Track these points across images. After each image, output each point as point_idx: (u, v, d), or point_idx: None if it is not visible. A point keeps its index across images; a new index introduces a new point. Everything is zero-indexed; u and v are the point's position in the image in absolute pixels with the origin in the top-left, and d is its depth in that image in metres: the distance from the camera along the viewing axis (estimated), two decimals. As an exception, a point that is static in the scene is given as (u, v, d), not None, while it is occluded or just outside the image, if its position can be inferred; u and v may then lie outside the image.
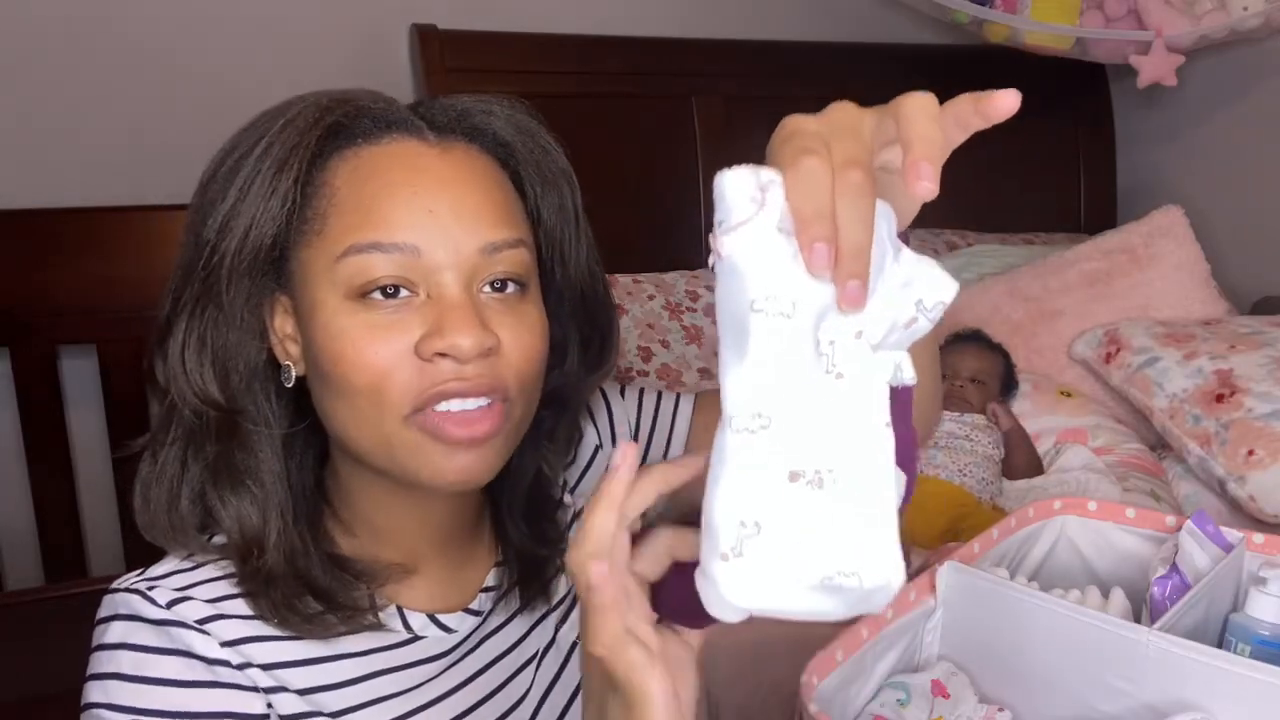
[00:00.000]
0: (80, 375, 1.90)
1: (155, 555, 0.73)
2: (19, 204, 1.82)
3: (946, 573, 0.90)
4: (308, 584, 0.69)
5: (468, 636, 0.76)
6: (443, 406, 0.65)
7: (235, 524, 0.68)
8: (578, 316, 0.78)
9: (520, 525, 0.80)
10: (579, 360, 0.79)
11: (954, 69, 2.51)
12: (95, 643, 0.67)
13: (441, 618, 0.75)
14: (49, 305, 1.82)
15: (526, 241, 0.70)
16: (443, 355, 0.65)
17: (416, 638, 0.73)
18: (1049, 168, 2.68)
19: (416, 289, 0.66)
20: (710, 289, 2.05)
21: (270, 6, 1.99)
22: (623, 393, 0.92)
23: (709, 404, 0.91)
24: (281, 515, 0.69)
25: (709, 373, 1.96)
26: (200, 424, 0.68)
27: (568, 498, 0.86)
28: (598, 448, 0.89)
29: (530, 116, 0.73)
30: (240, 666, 0.66)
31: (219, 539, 0.70)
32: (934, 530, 1.57)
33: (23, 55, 1.84)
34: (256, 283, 0.68)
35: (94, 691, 0.65)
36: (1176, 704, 0.79)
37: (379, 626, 0.71)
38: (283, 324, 0.70)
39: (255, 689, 0.66)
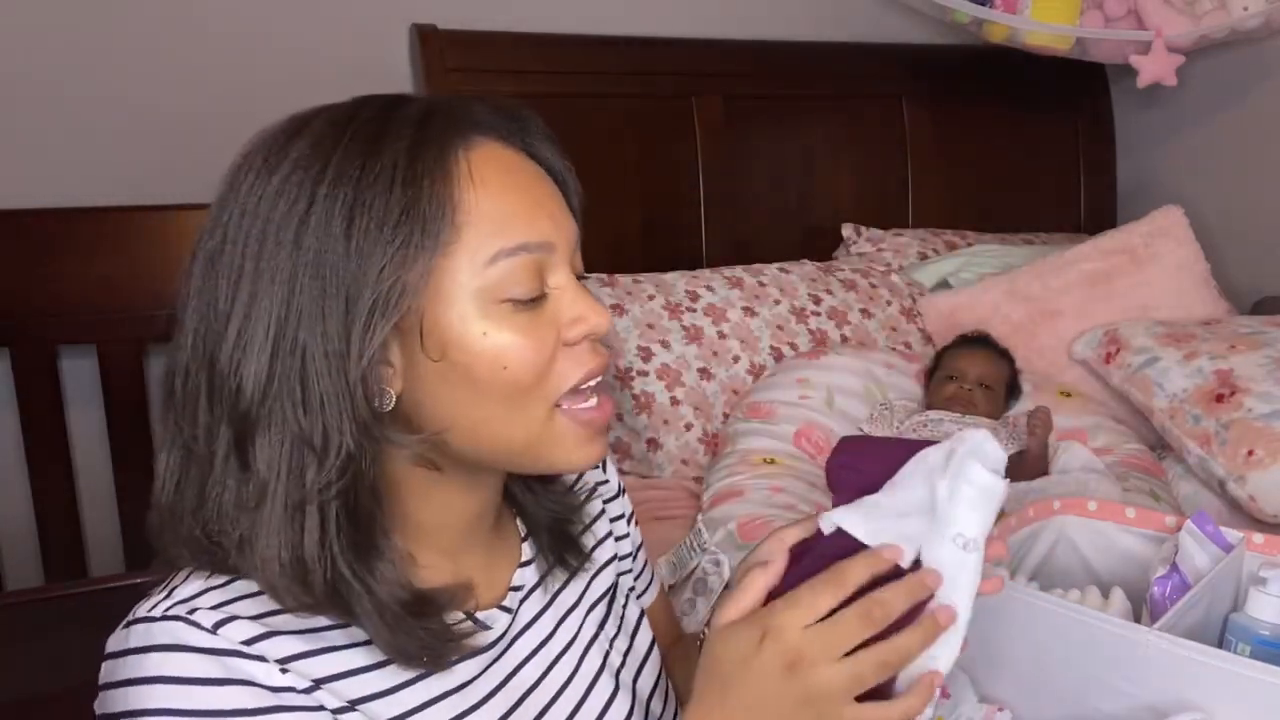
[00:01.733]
0: (80, 375, 1.90)
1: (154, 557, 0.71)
2: (19, 204, 1.82)
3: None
4: (420, 621, 0.68)
5: (503, 634, 0.76)
6: (581, 402, 0.71)
7: (394, 588, 0.67)
8: None
9: (539, 491, 0.84)
10: None
11: (954, 69, 2.54)
12: (129, 675, 0.62)
13: (479, 615, 0.75)
14: (49, 305, 1.82)
15: None
16: (586, 336, 0.70)
17: (455, 636, 0.73)
18: (1049, 168, 2.68)
19: (543, 285, 0.70)
20: (710, 289, 2.05)
21: (270, 7, 1.99)
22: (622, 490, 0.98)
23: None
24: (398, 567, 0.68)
25: (708, 373, 1.96)
26: (351, 488, 0.66)
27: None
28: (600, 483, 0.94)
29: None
30: (307, 690, 0.64)
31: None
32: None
33: (23, 56, 1.84)
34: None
35: None
36: (1176, 704, 0.79)
37: (478, 645, 0.73)
38: (373, 349, 0.67)
39: (321, 709, 0.65)
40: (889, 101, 2.49)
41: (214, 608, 0.64)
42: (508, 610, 0.77)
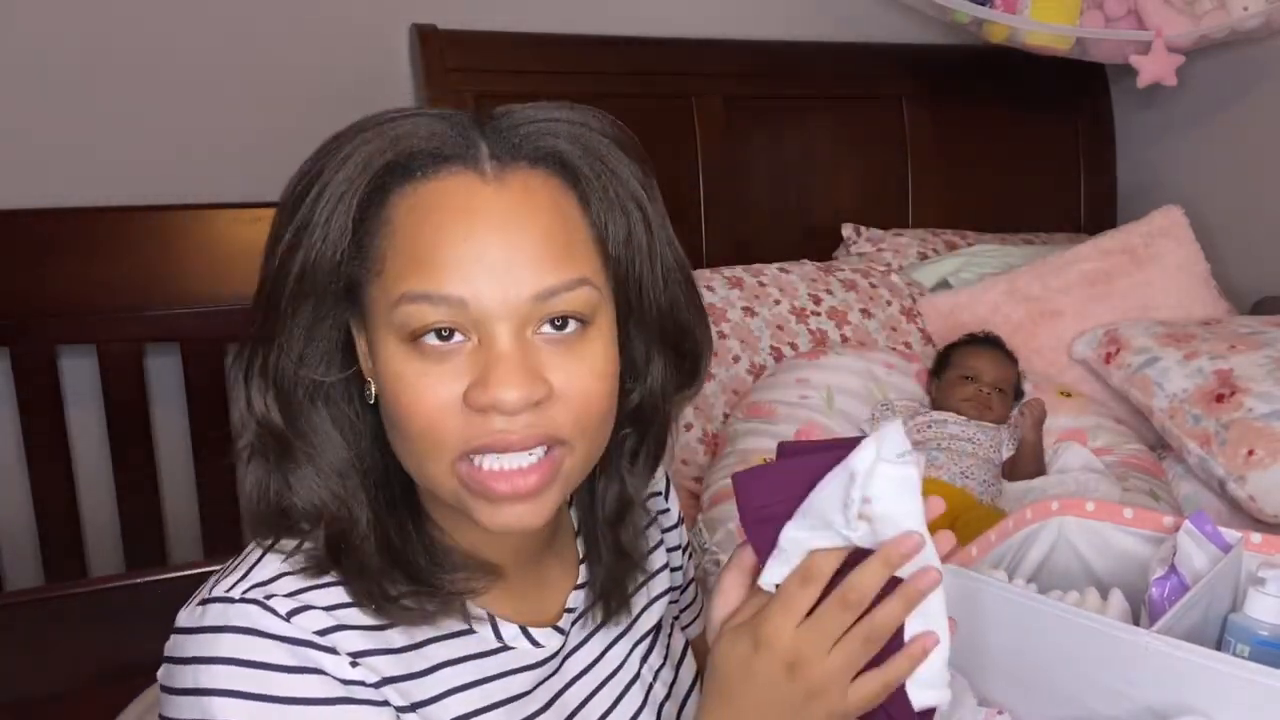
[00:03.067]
0: (80, 375, 1.90)
1: (155, 557, 0.72)
2: (19, 204, 1.82)
3: (945, 576, 0.90)
4: (404, 568, 0.69)
5: (556, 653, 0.76)
6: (487, 462, 0.65)
7: (313, 513, 0.69)
8: (663, 339, 0.75)
9: (606, 546, 0.81)
10: (665, 378, 0.77)
11: (954, 69, 2.54)
12: (201, 653, 0.64)
13: (532, 631, 0.75)
14: (49, 305, 1.82)
15: (592, 279, 0.67)
16: (480, 406, 0.64)
17: (507, 647, 0.73)
18: (1049, 168, 2.68)
19: (469, 334, 0.65)
20: (710, 289, 2.05)
21: (270, 7, 1.99)
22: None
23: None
24: (371, 506, 0.69)
25: (708, 373, 1.96)
26: (263, 441, 0.69)
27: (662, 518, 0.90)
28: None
29: (601, 132, 0.71)
30: (375, 685, 0.66)
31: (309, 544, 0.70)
32: (933, 530, 1.57)
33: (23, 56, 1.84)
34: (322, 312, 0.68)
35: (216, 709, 0.63)
36: (1175, 706, 0.79)
37: (471, 630, 0.72)
38: (365, 344, 0.70)
39: (386, 704, 0.66)
40: (889, 101, 2.49)
41: (290, 595, 0.65)
42: (561, 631, 0.77)
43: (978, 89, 2.54)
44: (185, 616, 0.66)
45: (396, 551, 0.69)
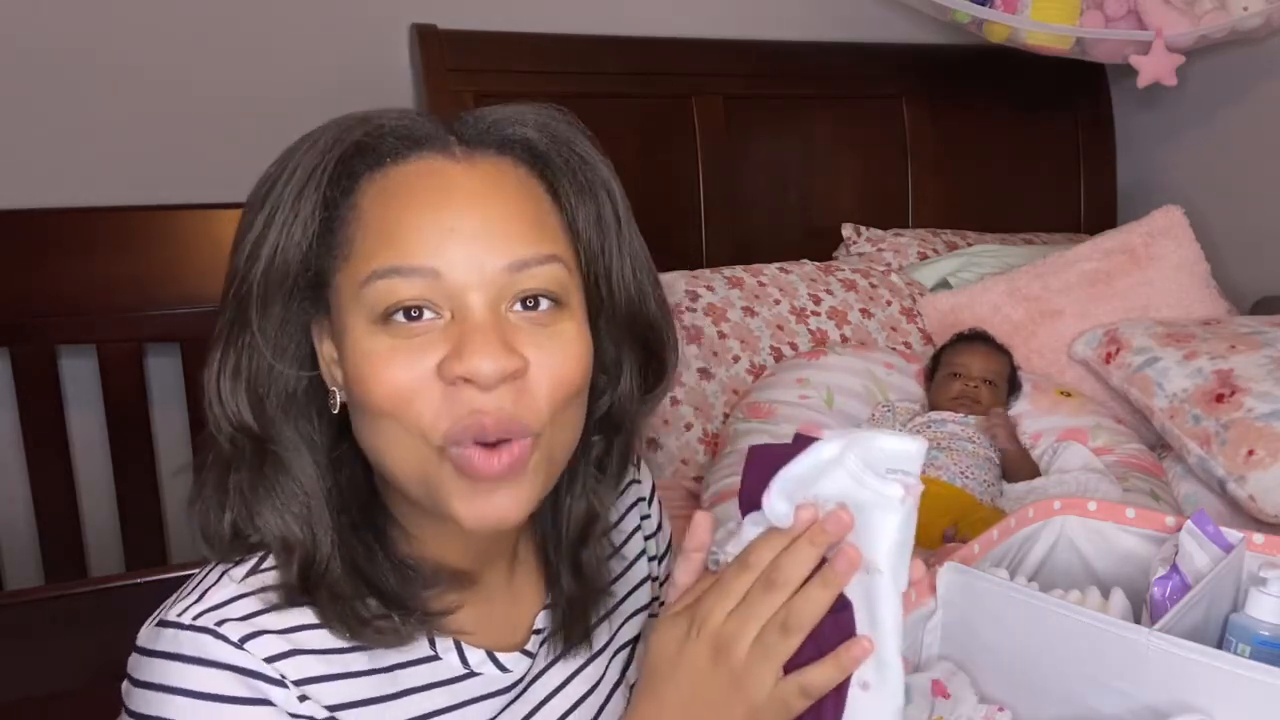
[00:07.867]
0: (80, 375, 1.90)
1: (155, 557, 0.72)
2: (19, 204, 1.82)
3: (946, 573, 0.90)
4: (375, 590, 0.68)
5: (521, 678, 0.75)
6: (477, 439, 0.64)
7: (280, 541, 0.67)
8: (630, 336, 0.74)
9: (569, 568, 0.78)
10: (634, 381, 0.76)
11: (954, 69, 2.54)
12: (154, 679, 0.63)
13: (499, 656, 0.74)
14: (49, 305, 1.82)
15: (562, 257, 0.67)
16: (466, 379, 0.63)
17: (473, 674, 0.72)
18: (1049, 168, 2.68)
19: (441, 310, 0.64)
20: (710, 289, 2.05)
21: (270, 7, 1.99)
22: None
23: None
24: (334, 528, 0.68)
25: (708, 373, 1.96)
26: (235, 448, 0.67)
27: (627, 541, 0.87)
28: (644, 516, 0.90)
29: (568, 124, 0.71)
30: None
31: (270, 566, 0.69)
32: (934, 531, 1.57)
33: (23, 57, 1.84)
34: (291, 308, 0.67)
35: None
36: (1176, 705, 0.79)
37: (436, 656, 0.71)
38: (329, 349, 0.69)
39: None
40: (889, 101, 2.49)
41: (243, 619, 0.64)
42: (529, 655, 0.76)
43: (978, 89, 2.54)
44: (144, 635, 0.65)
45: (364, 574, 0.68)
